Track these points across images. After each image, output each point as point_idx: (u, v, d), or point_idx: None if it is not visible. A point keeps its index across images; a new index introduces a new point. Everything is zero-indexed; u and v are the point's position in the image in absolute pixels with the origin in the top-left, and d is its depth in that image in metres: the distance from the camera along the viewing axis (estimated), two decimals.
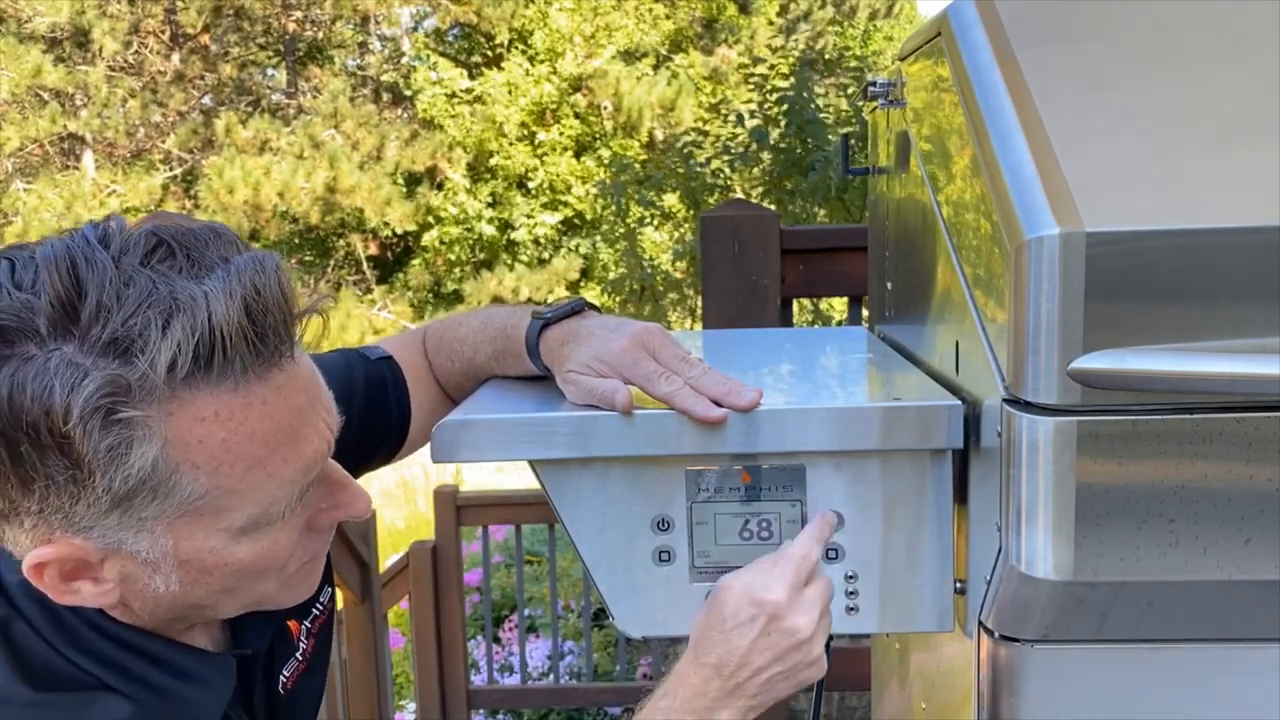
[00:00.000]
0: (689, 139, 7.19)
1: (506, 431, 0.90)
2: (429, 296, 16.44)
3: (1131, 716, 0.80)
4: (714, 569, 0.92)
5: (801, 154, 5.90)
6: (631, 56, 16.43)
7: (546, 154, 16.03)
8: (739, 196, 6.04)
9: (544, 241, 16.03)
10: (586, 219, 15.55)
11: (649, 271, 6.73)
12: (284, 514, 0.76)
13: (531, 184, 16.05)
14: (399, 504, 8.58)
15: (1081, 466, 0.72)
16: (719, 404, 0.87)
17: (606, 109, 16.01)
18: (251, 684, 0.89)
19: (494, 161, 16.02)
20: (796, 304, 2.96)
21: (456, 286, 16.02)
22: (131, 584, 0.75)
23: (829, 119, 6.21)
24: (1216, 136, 0.80)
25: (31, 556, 0.71)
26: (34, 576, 0.72)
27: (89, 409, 0.65)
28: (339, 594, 3.44)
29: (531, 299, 14.56)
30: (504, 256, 16.15)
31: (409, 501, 8.65)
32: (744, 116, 6.46)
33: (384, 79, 17.08)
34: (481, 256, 16.23)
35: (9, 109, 14.44)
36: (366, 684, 3.53)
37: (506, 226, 16.12)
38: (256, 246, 0.74)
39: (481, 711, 4.54)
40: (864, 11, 18.00)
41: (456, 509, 4.01)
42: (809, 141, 5.89)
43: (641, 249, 7.14)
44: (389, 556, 5.20)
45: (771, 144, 6.05)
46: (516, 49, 16.49)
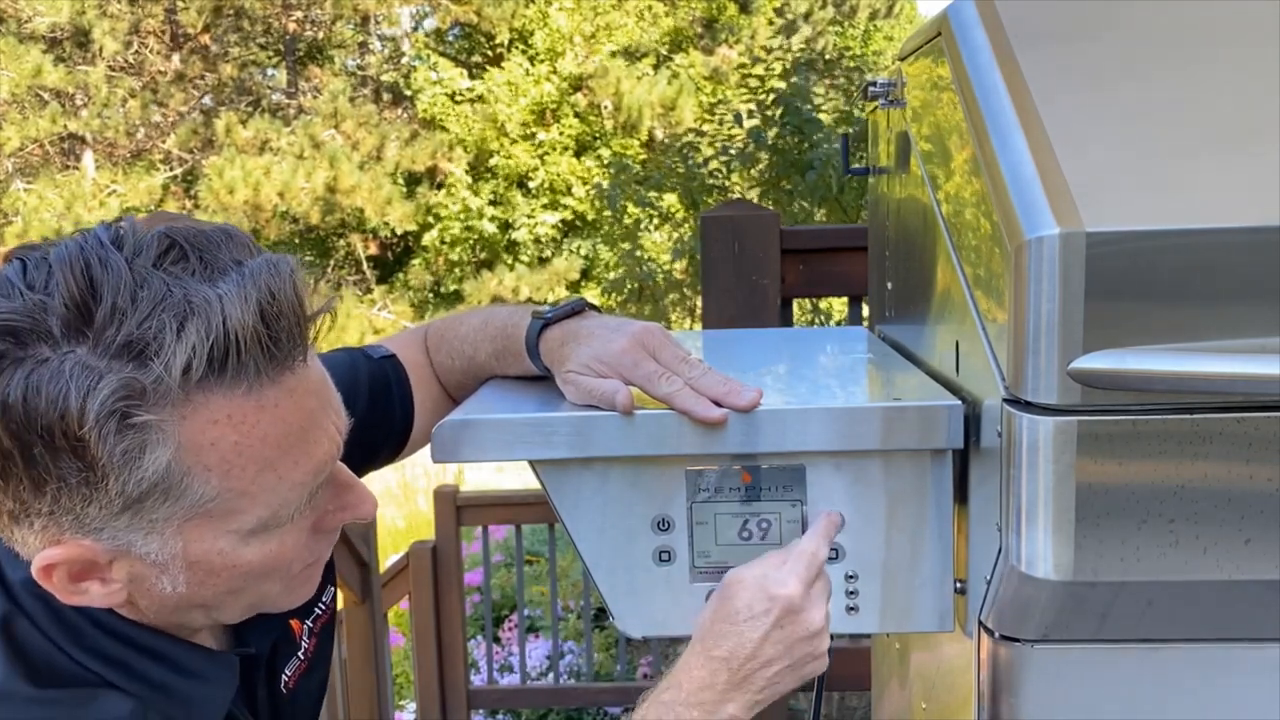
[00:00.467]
0: (688, 139, 7.19)
1: (506, 431, 0.90)
2: (429, 296, 16.44)
3: (1131, 716, 0.80)
4: (714, 569, 0.92)
5: (799, 154, 5.89)
6: (632, 56, 16.43)
7: (547, 154, 16.04)
8: (738, 197, 6.04)
9: (545, 241, 16.03)
10: (587, 219, 15.55)
11: (648, 272, 6.73)
12: (293, 516, 0.77)
13: (532, 184, 16.06)
14: (399, 504, 8.58)
15: (1081, 466, 0.72)
16: (719, 404, 0.87)
17: (606, 109, 16.01)
18: (255, 683, 0.90)
19: (494, 161, 16.02)
20: (796, 304, 2.96)
21: (457, 286, 16.03)
22: (139, 584, 0.75)
23: (827, 118, 6.20)
24: (1216, 136, 0.80)
25: (41, 558, 0.71)
26: (42, 578, 0.72)
27: (104, 413, 0.65)
28: (339, 594, 3.44)
29: (531, 299, 14.56)
30: (504, 256, 16.15)
31: (409, 501, 8.65)
32: (742, 116, 6.46)
33: (384, 79, 17.08)
34: (482, 256, 16.24)
35: (9, 109, 14.44)
36: (366, 684, 3.54)
37: (507, 226, 16.12)
38: (267, 249, 0.75)
39: (481, 711, 4.54)
40: (864, 11, 18.00)
41: (456, 509, 4.01)
42: (805, 142, 5.88)
43: (641, 249, 7.14)
44: (389, 556, 5.20)
45: (769, 144, 6.04)
46: (517, 49, 16.49)
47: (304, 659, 0.96)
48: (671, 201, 7.41)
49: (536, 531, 5.37)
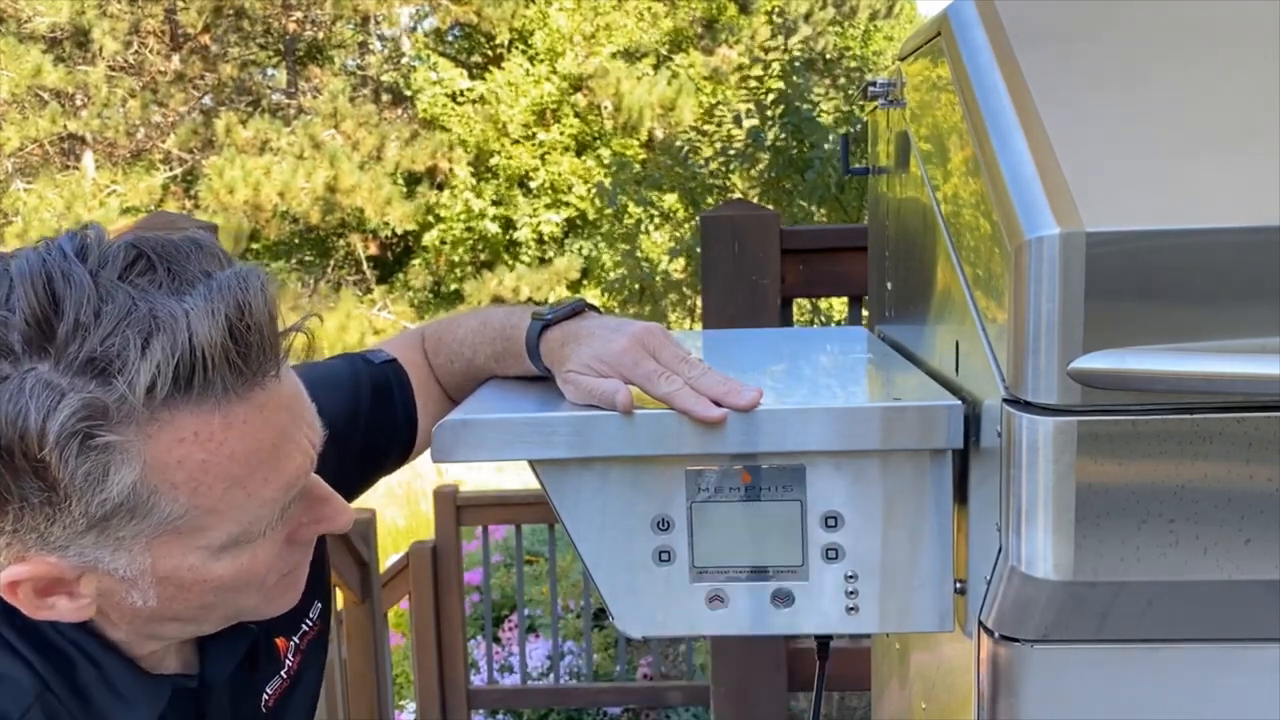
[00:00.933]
0: (687, 139, 7.19)
1: (506, 431, 0.90)
2: (429, 297, 16.44)
3: (1131, 716, 0.80)
4: (714, 569, 0.92)
5: (798, 154, 5.90)
6: (632, 56, 16.43)
7: (548, 153, 16.04)
8: (738, 197, 6.04)
9: (546, 241, 16.03)
10: (588, 219, 15.55)
11: (648, 272, 6.73)
12: (265, 531, 0.75)
13: (533, 184, 16.06)
14: (399, 504, 8.58)
15: (1081, 466, 0.72)
16: (719, 404, 0.87)
17: (606, 109, 16.02)
18: (206, 710, 0.88)
19: (495, 161, 16.03)
20: (796, 304, 2.96)
21: (457, 286, 16.04)
22: (109, 599, 0.74)
23: (827, 118, 6.21)
24: (1216, 136, 0.80)
25: (6, 575, 0.70)
26: (8, 594, 0.71)
27: (65, 433, 0.64)
28: (339, 594, 3.44)
29: (532, 299, 14.56)
30: (505, 256, 16.16)
31: (409, 501, 8.66)
32: (741, 116, 6.46)
33: (384, 79, 17.09)
34: (483, 256, 16.24)
35: (9, 109, 14.44)
36: (366, 684, 3.54)
37: (509, 226, 16.13)
38: (241, 262, 0.73)
39: (481, 711, 4.54)
40: (864, 12, 18.00)
41: (456, 509, 4.01)
42: (805, 142, 5.89)
43: (641, 249, 7.14)
44: (389, 556, 5.20)
45: (768, 144, 6.05)
46: (517, 49, 16.49)
47: (287, 677, 0.95)
48: (672, 201, 7.41)
49: (536, 531, 5.37)
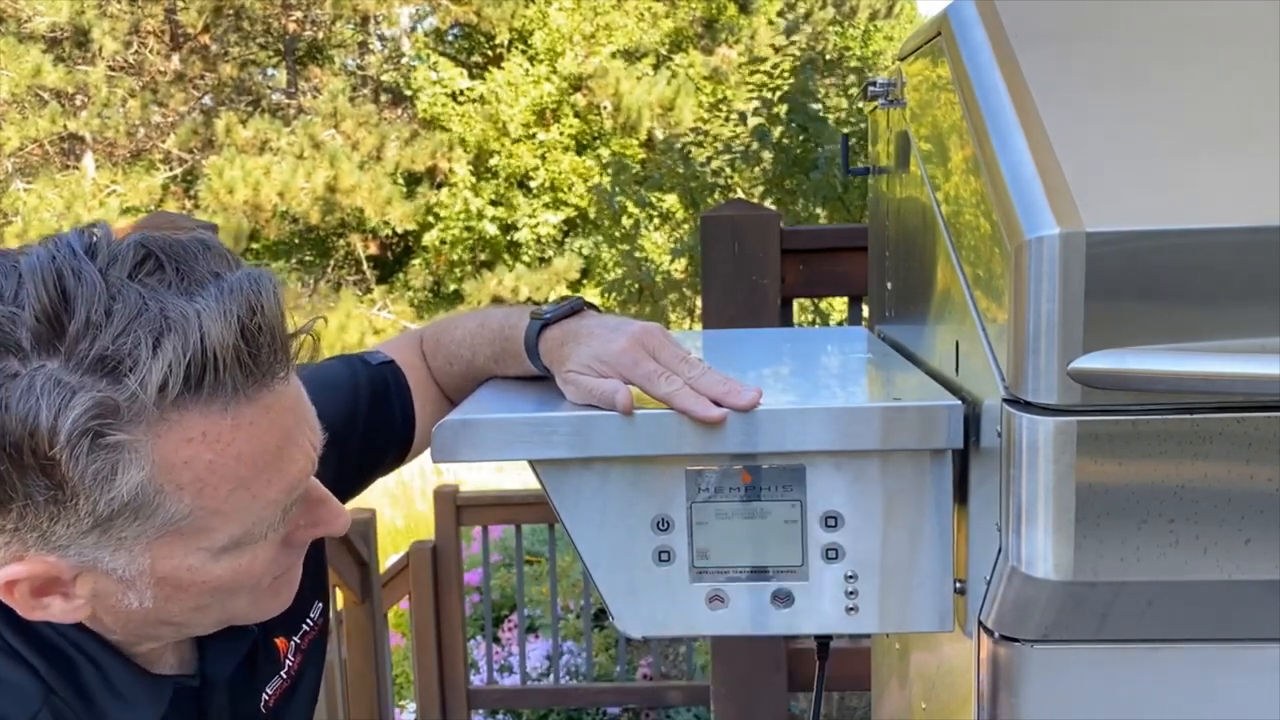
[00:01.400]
0: (689, 139, 7.19)
1: (506, 431, 0.90)
2: (429, 296, 16.44)
3: (1131, 716, 0.80)
4: (714, 569, 0.92)
5: (802, 153, 5.90)
6: (631, 56, 16.43)
7: (548, 153, 16.04)
8: (739, 196, 6.04)
9: (546, 240, 16.03)
10: (589, 218, 15.55)
11: (648, 272, 6.73)
12: (266, 534, 0.75)
13: (533, 183, 16.06)
14: (399, 504, 8.58)
15: (1081, 466, 0.72)
16: (719, 404, 0.87)
17: (606, 109, 16.01)
18: (207, 709, 0.88)
19: (495, 161, 16.03)
20: (797, 304, 2.96)
21: (457, 286, 16.03)
22: (104, 600, 0.74)
23: (831, 117, 6.21)
24: (1216, 136, 0.80)
25: (3, 573, 0.70)
26: (4, 593, 0.71)
27: (77, 432, 0.63)
28: (339, 594, 3.44)
29: (531, 299, 14.56)
30: (505, 256, 16.16)
31: (409, 501, 8.66)
32: (746, 115, 6.46)
33: (384, 79, 17.09)
34: (483, 256, 16.24)
35: (9, 109, 14.44)
36: (366, 684, 3.54)
37: (509, 227, 16.12)
38: (249, 261, 0.73)
39: (481, 711, 4.54)
40: (864, 12, 18.00)
41: (456, 509, 4.01)
42: (810, 141, 5.88)
43: (641, 249, 7.14)
44: (389, 556, 5.20)
45: (774, 142, 6.04)
46: (516, 49, 16.49)
47: (287, 677, 0.95)
48: (671, 202, 7.41)
49: (536, 531, 5.37)
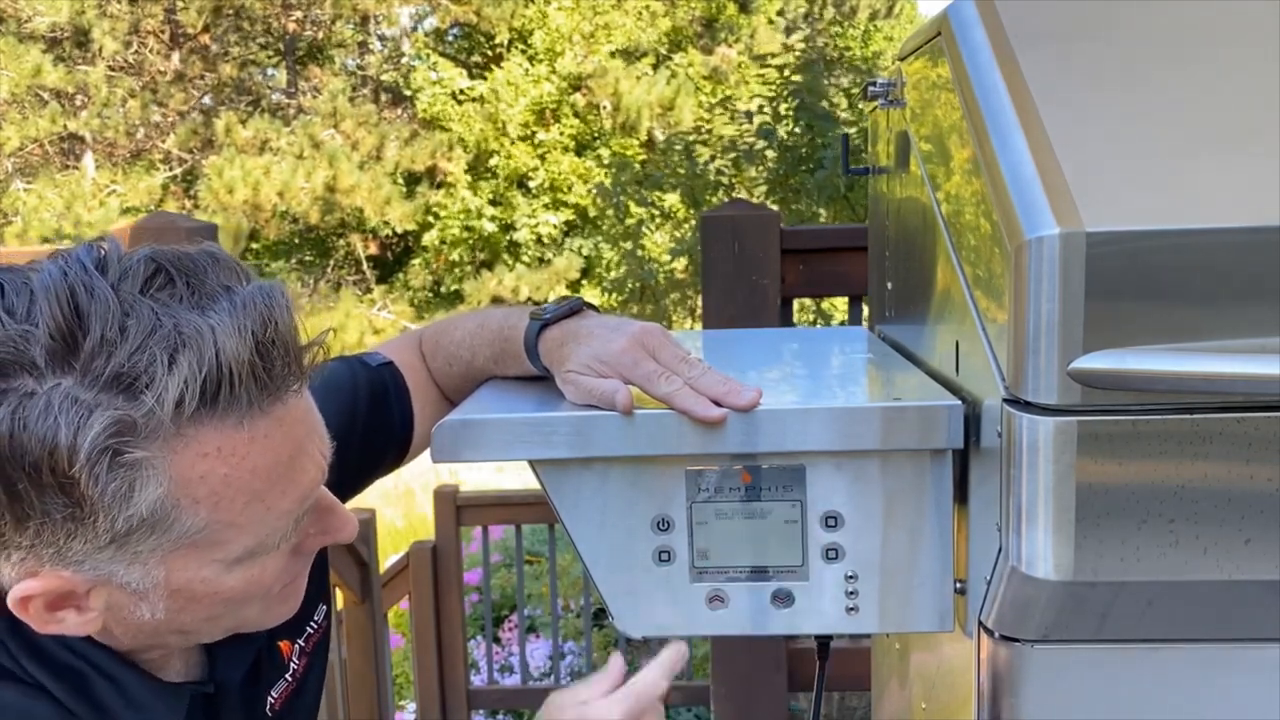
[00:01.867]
0: (693, 137, 7.18)
1: (506, 431, 0.90)
2: (429, 296, 16.44)
3: (1131, 716, 0.80)
4: (714, 569, 0.92)
5: (808, 151, 5.89)
6: (631, 56, 16.43)
7: (547, 153, 16.04)
8: (741, 196, 6.04)
9: (546, 240, 16.03)
10: (589, 217, 15.55)
11: (649, 271, 6.72)
12: (278, 544, 0.75)
13: (532, 183, 16.06)
14: (399, 504, 8.58)
15: (1081, 466, 0.72)
16: (719, 404, 0.87)
17: (606, 109, 16.01)
18: (219, 713, 0.88)
19: (494, 161, 16.02)
20: (799, 304, 2.96)
21: (456, 286, 16.03)
22: (116, 612, 0.74)
23: (838, 115, 6.20)
24: (1216, 136, 0.80)
25: (17, 590, 0.70)
26: (19, 609, 0.71)
27: (96, 450, 0.63)
28: (339, 594, 3.44)
29: (531, 299, 14.56)
30: (505, 256, 16.16)
31: (409, 501, 8.66)
32: (752, 113, 6.46)
33: (384, 79, 17.09)
34: (483, 256, 16.24)
35: (9, 109, 14.44)
36: (366, 684, 3.54)
37: (509, 227, 16.12)
38: (261, 267, 0.73)
39: (481, 711, 4.54)
40: (864, 12, 18.00)
41: (456, 509, 4.01)
42: (817, 140, 5.87)
43: (642, 249, 7.14)
44: (389, 556, 5.20)
45: (779, 140, 6.03)
46: (516, 49, 16.49)
47: (292, 680, 0.95)
48: (673, 201, 7.41)
49: (536, 531, 5.37)
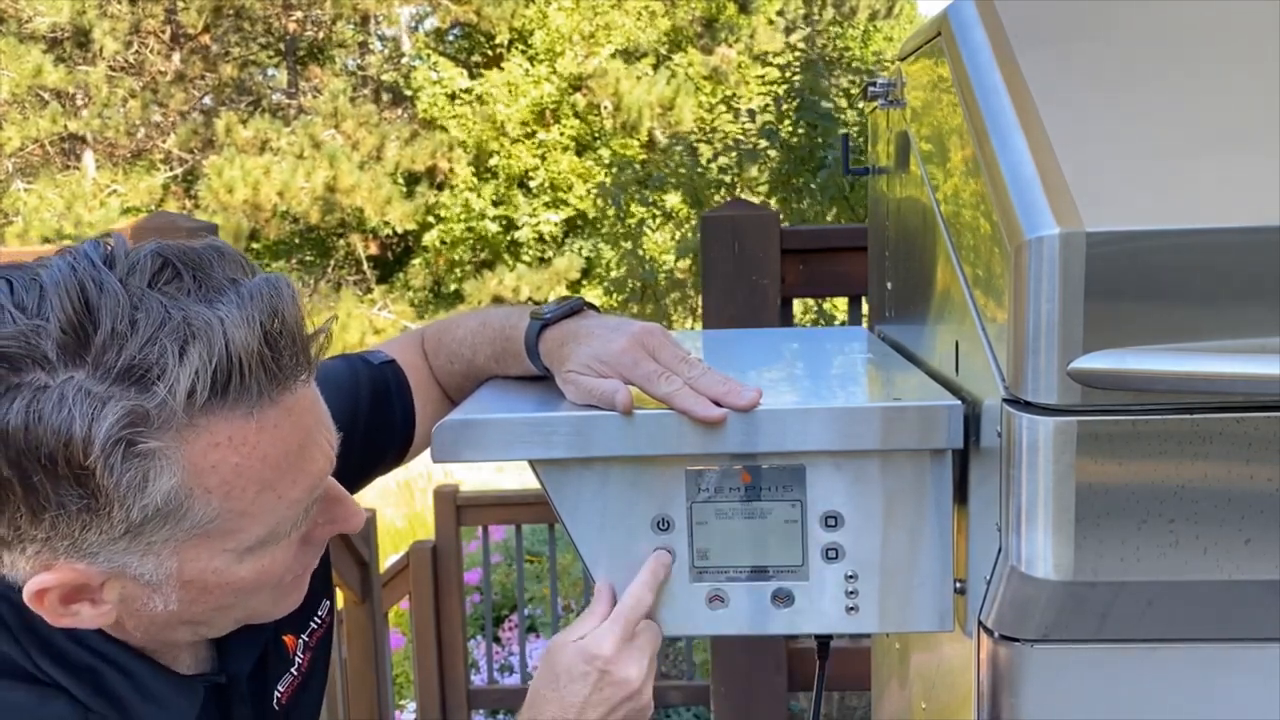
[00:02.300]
0: (695, 136, 7.18)
1: (506, 431, 0.90)
2: (429, 296, 16.44)
3: (1131, 716, 0.80)
4: (714, 569, 0.92)
5: (810, 152, 5.88)
6: (631, 56, 16.43)
7: (547, 153, 16.04)
8: (743, 196, 6.04)
9: (547, 240, 16.03)
10: (589, 218, 15.55)
11: (650, 271, 6.72)
12: (289, 532, 0.76)
13: (533, 183, 16.06)
14: (399, 504, 8.58)
15: (1081, 466, 0.72)
16: (719, 404, 0.87)
17: (606, 109, 16.01)
18: (230, 705, 0.88)
19: (495, 161, 16.03)
20: (800, 304, 2.96)
21: (457, 286, 16.03)
22: (130, 604, 0.75)
23: (847, 115, 6.19)
24: (1216, 136, 0.80)
25: (33, 583, 0.70)
26: (34, 602, 0.71)
27: (110, 441, 0.64)
28: (339, 594, 3.44)
29: (532, 299, 14.57)
30: (505, 256, 16.16)
31: (409, 501, 8.66)
32: (755, 111, 6.46)
33: (384, 79, 17.09)
34: (483, 256, 16.24)
35: (9, 109, 14.44)
36: (366, 684, 3.54)
37: (510, 226, 16.13)
38: (261, 267, 0.74)
39: (482, 711, 4.54)
40: (864, 12, 17.99)
41: (456, 509, 4.01)
42: (820, 140, 5.86)
43: (643, 249, 7.14)
44: (389, 556, 5.20)
45: (781, 140, 6.03)
46: (516, 49, 16.49)
47: (298, 674, 0.96)
48: (674, 201, 7.40)
49: (536, 531, 5.37)
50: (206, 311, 0.67)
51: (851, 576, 0.92)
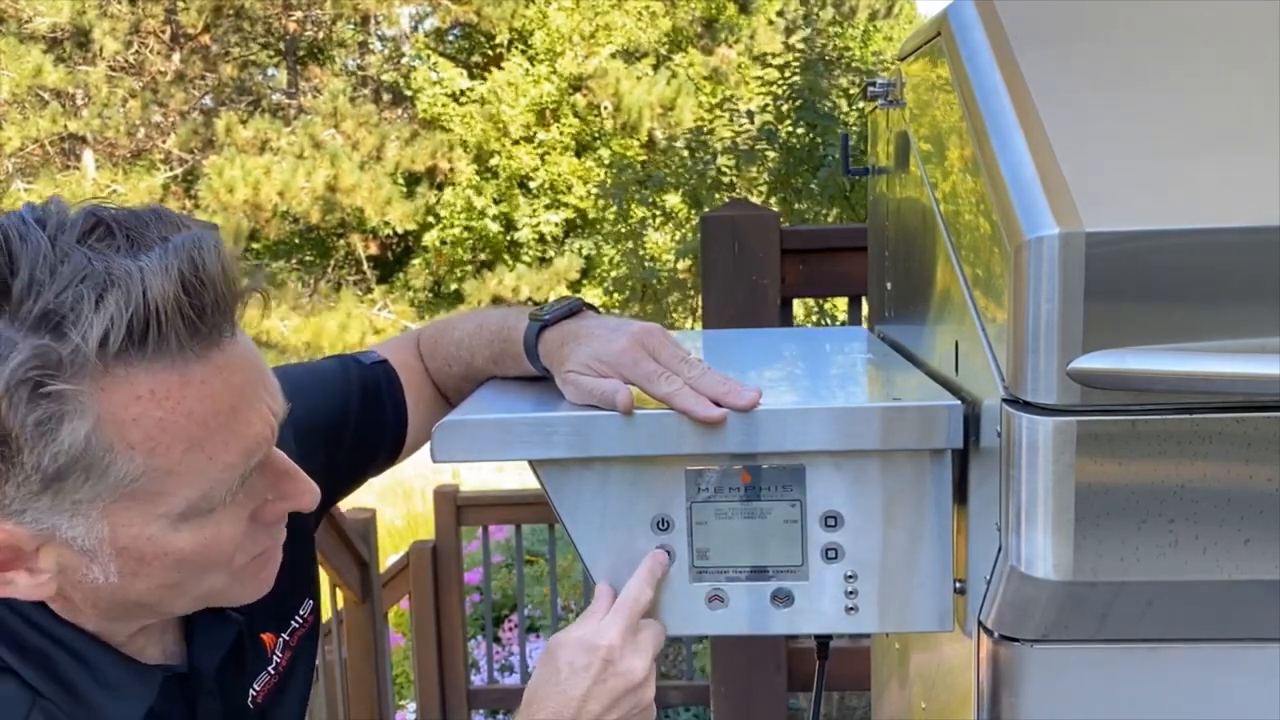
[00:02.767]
0: (694, 136, 7.17)
1: (506, 431, 0.90)
2: (429, 296, 16.45)
3: (1131, 716, 0.80)
4: (714, 569, 0.92)
5: (810, 151, 5.88)
6: (631, 56, 16.43)
7: (548, 153, 16.04)
8: (740, 196, 6.04)
9: (548, 240, 16.03)
10: (589, 218, 15.55)
11: (650, 270, 6.72)
12: (225, 500, 0.75)
13: (533, 184, 16.06)
14: (399, 504, 8.59)
15: (1081, 466, 0.72)
16: (719, 404, 0.87)
17: (606, 109, 16.02)
18: (196, 699, 0.87)
19: (495, 162, 16.03)
20: (802, 304, 2.97)
21: (457, 286, 16.04)
22: (69, 575, 0.74)
23: (849, 116, 6.19)
24: (1216, 136, 0.80)
25: None
26: None
27: (15, 381, 0.64)
28: (339, 594, 3.44)
29: (531, 299, 14.57)
30: (505, 256, 16.16)
31: (408, 501, 8.66)
32: (754, 112, 6.46)
33: (384, 79, 17.09)
34: (483, 256, 16.25)
35: (10, 109, 14.44)
36: (366, 684, 3.54)
37: (510, 226, 16.13)
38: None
39: (482, 711, 4.54)
40: (864, 12, 18.00)
41: (456, 509, 4.01)
42: (819, 140, 5.87)
43: (644, 249, 7.14)
44: (389, 556, 5.20)
45: (781, 140, 6.03)
46: (516, 49, 16.50)
47: (275, 673, 0.95)
48: (674, 202, 7.41)
49: (536, 531, 5.37)
50: (129, 263, 0.67)
51: (851, 576, 0.92)
